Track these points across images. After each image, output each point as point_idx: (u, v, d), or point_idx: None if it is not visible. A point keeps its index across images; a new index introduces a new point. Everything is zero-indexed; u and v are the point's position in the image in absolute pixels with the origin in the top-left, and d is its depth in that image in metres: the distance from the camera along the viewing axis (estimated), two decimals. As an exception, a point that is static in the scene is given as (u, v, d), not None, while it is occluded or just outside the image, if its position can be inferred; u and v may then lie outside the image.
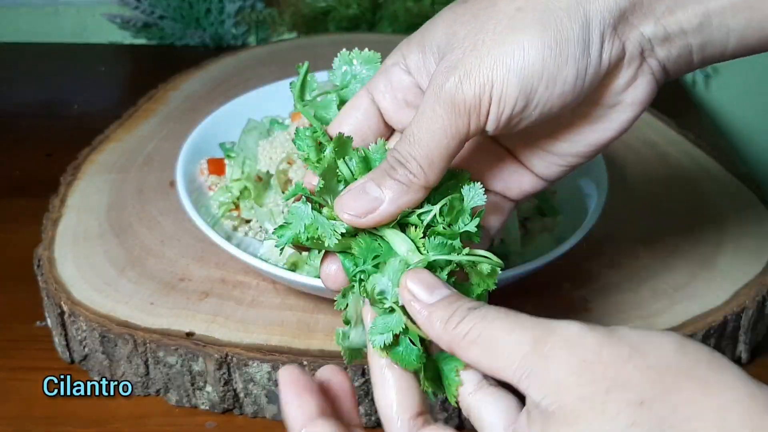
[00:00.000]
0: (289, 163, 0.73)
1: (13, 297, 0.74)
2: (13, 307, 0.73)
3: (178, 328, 0.64)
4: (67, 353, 0.68)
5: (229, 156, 0.77)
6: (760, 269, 0.71)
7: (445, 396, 0.41)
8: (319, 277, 0.47)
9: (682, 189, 0.81)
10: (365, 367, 0.60)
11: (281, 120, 0.81)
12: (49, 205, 0.77)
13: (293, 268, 0.67)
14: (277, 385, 0.61)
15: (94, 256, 0.72)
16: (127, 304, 0.66)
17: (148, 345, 0.63)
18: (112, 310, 0.66)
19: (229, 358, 0.62)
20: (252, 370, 0.62)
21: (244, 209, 0.73)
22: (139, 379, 0.65)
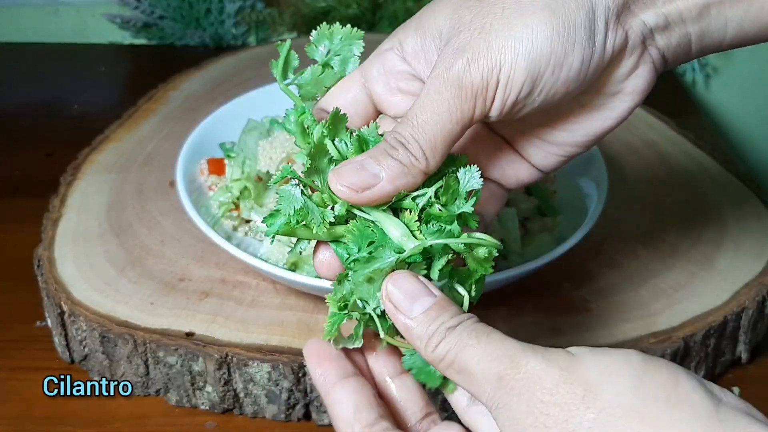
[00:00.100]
0: (289, 163, 0.73)
1: (13, 297, 0.74)
2: (13, 307, 0.73)
3: (178, 328, 0.64)
4: (67, 353, 0.68)
5: (229, 156, 0.77)
6: (760, 269, 0.71)
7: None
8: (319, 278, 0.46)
9: (682, 189, 0.81)
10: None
11: (281, 120, 0.81)
12: (49, 205, 0.77)
13: (293, 268, 0.67)
14: (277, 384, 0.61)
15: (94, 256, 0.72)
16: (127, 304, 0.66)
17: (148, 345, 0.63)
18: (112, 310, 0.66)
19: (229, 358, 0.62)
20: (252, 370, 0.62)
21: (244, 209, 0.73)
22: (139, 379, 0.65)
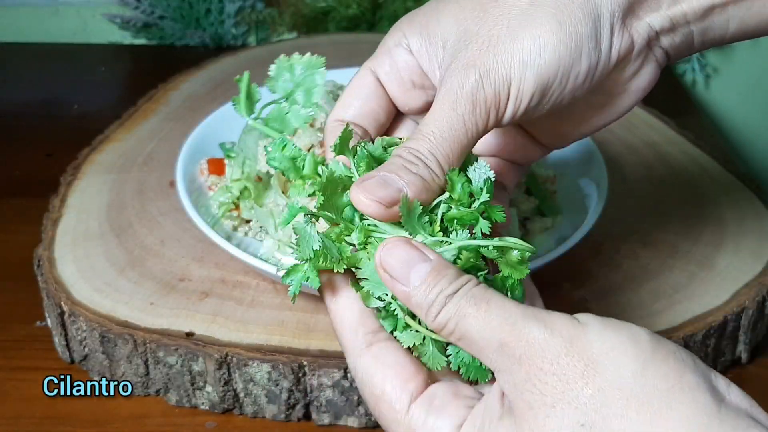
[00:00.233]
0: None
1: (13, 297, 0.74)
2: (13, 307, 0.73)
3: (178, 328, 0.64)
4: (67, 353, 0.68)
5: (229, 156, 0.77)
6: (760, 269, 0.71)
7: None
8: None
9: (682, 189, 0.81)
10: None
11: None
12: (49, 205, 0.77)
13: (293, 268, 0.67)
14: (277, 384, 0.61)
15: (94, 256, 0.72)
16: (127, 304, 0.66)
17: (148, 345, 0.63)
18: (112, 310, 0.66)
19: (229, 358, 0.61)
20: (252, 370, 0.62)
21: (244, 209, 0.73)
22: (139, 379, 0.65)
